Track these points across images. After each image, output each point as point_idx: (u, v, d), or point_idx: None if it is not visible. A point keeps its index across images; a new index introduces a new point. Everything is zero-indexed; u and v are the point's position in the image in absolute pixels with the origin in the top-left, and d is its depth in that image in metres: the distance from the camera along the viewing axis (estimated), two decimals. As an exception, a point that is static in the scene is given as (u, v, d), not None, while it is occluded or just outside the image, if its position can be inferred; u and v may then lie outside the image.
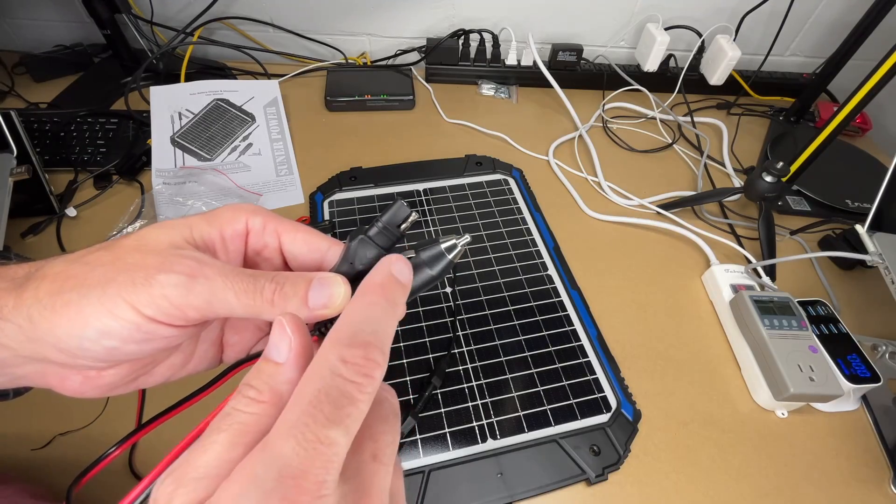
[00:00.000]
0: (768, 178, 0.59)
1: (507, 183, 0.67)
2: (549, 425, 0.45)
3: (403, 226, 0.21)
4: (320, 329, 0.20)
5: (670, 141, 0.78)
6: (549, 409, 0.46)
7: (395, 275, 0.19)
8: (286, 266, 0.23)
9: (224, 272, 0.19)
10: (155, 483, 0.15)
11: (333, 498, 0.14)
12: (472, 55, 0.83)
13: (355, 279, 0.20)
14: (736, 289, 0.55)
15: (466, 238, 0.21)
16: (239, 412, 0.16)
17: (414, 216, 0.22)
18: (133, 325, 0.18)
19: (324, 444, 0.14)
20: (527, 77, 0.84)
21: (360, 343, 0.16)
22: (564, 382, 0.48)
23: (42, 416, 0.43)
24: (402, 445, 0.43)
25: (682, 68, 0.83)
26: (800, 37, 0.87)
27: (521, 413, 0.46)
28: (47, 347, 0.18)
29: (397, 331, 0.50)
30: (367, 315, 0.18)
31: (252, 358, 0.21)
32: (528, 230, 0.61)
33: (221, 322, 0.24)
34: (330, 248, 0.22)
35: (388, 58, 0.86)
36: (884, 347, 0.53)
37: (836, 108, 0.60)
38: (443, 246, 0.21)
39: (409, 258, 0.21)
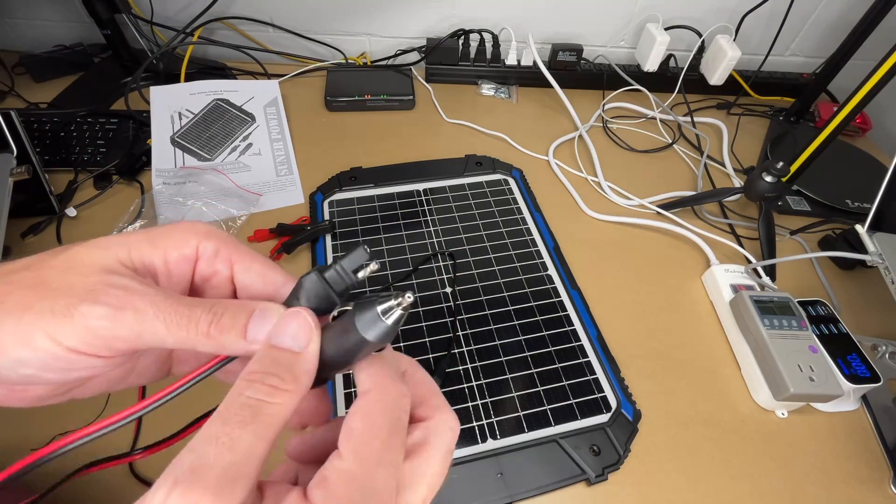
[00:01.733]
0: (768, 178, 0.59)
1: (507, 183, 0.67)
2: (549, 425, 0.45)
3: (361, 273, 0.19)
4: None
5: (670, 141, 0.78)
6: (549, 409, 0.46)
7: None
8: (234, 297, 0.21)
9: (156, 302, 0.17)
10: (156, 491, 0.13)
11: None
12: (472, 55, 0.83)
13: None
14: (736, 289, 0.55)
15: (410, 299, 0.18)
16: (263, 403, 0.16)
17: (374, 266, 0.19)
18: (51, 356, 0.16)
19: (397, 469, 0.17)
20: (527, 77, 0.84)
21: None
22: (564, 382, 0.48)
23: (42, 416, 0.43)
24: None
25: (682, 68, 0.83)
26: (800, 37, 0.87)
27: (521, 413, 0.46)
28: None
29: (397, 331, 0.50)
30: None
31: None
32: (528, 230, 0.61)
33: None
34: (285, 284, 0.20)
35: (388, 58, 0.86)
36: (884, 347, 0.53)
37: (836, 108, 0.60)
38: (378, 308, 0.17)
39: (338, 318, 0.19)
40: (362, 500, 0.15)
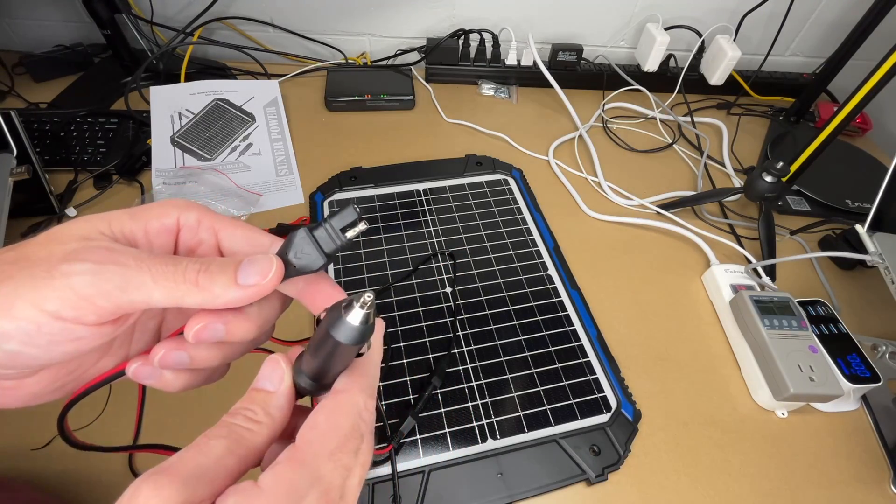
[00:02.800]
0: (768, 178, 0.59)
1: (507, 183, 0.67)
2: (549, 425, 0.45)
3: (350, 233, 0.20)
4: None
5: (670, 141, 0.78)
6: (549, 409, 0.46)
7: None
8: None
9: (139, 257, 0.17)
10: (136, 481, 0.15)
11: None
12: (472, 55, 0.83)
13: (295, 275, 0.20)
14: (736, 289, 0.55)
15: (369, 297, 0.18)
16: (237, 426, 0.18)
17: (363, 226, 0.20)
18: (34, 325, 0.16)
19: (347, 470, 0.18)
20: (527, 77, 0.84)
21: (374, 397, 0.20)
22: (564, 382, 0.48)
23: (42, 416, 0.43)
24: (402, 445, 0.43)
25: (682, 68, 0.83)
26: (800, 37, 0.87)
27: (521, 413, 0.46)
28: None
29: (398, 331, 0.50)
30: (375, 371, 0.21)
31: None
32: (528, 230, 0.61)
33: (157, 324, 0.22)
34: (272, 244, 0.21)
35: (388, 58, 0.86)
36: (884, 347, 0.53)
37: (836, 108, 0.60)
38: (343, 311, 0.18)
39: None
40: (307, 488, 0.16)
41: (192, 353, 0.19)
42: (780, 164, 0.58)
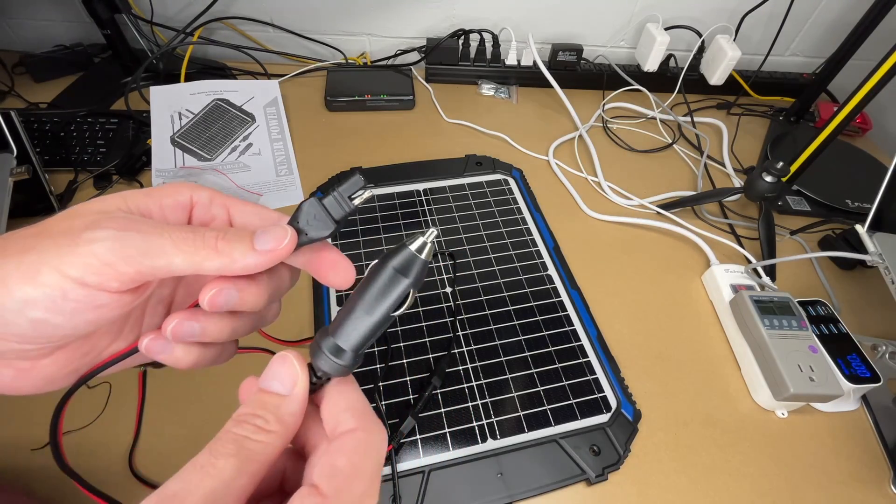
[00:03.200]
0: (768, 178, 0.59)
1: (507, 183, 0.67)
2: (549, 425, 0.45)
3: (357, 200, 0.21)
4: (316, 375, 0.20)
5: (670, 141, 0.78)
6: (549, 409, 0.46)
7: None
8: None
9: (159, 225, 0.18)
10: None
11: None
12: (472, 55, 0.83)
13: (307, 242, 0.20)
14: (736, 289, 0.55)
15: (433, 231, 0.20)
16: (247, 439, 0.16)
17: (368, 193, 0.21)
18: (59, 292, 0.16)
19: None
20: (527, 77, 0.84)
21: None
22: (564, 382, 0.48)
23: (41, 416, 0.43)
24: (402, 445, 0.43)
25: (682, 68, 0.83)
26: (800, 37, 0.87)
27: (521, 413, 0.46)
28: None
29: (398, 331, 0.50)
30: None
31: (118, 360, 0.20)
32: (528, 230, 0.61)
33: (167, 306, 0.23)
34: (281, 219, 0.21)
35: (388, 58, 0.86)
36: (884, 347, 0.53)
37: (836, 108, 0.60)
38: (412, 248, 0.19)
39: (375, 266, 0.20)
40: None
41: (204, 323, 0.20)
42: (780, 164, 0.58)
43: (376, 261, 0.20)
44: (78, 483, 0.20)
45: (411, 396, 0.46)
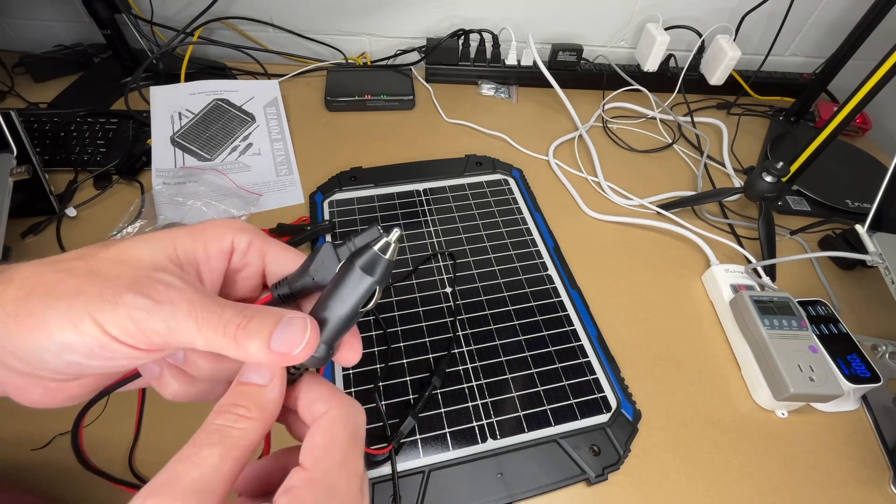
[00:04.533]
0: (768, 178, 0.59)
1: (507, 183, 0.67)
2: (549, 425, 0.45)
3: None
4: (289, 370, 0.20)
5: (670, 141, 0.78)
6: (549, 409, 0.46)
7: (358, 441, 0.19)
8: (263, 285, 0.23)
9: (192, 300, 0.18)
10: (135, 500, 0.15)
11: None
12: (472, 55, 0.83)
13: (313, 290, 0.21)
14: (736, 289, 0.55)
15: (397, 232, 0.20)
16: (229, 428, 0.17)
17: (382, 244, 0.20)
18: (97, 343, 0.17)
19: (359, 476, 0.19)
20: (527, 77, 0.84)
21: None
22: (564, 382, 0.48)
23: (42, 416, 0.43)
24: (402, 445, 0.43)
25: (682, 68, 0.83)
26: (800, 37, 0.87)
27: (521, 413, 0.46)
28: (6, 354, 0.17)
29: (398, 331, 0.50)
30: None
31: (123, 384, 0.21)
32: (528, 230, 0.61)
33: None
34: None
35: (388, 58, 0.86)
36: (884, 347, 0.53)
37: (836, 108, 0.60)
38: (376, 248, 0.20)
39: (342, 267, 0.20)
40: (328, 499, 0.17)
41: (189, 356, 0.20)
42: (780, 164, 0.58)
43: (345, 260, 0.20)
44: (108, 480, 0.21)
45: (411, 396, 0.46)
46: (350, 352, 0.22)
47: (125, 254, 0.19)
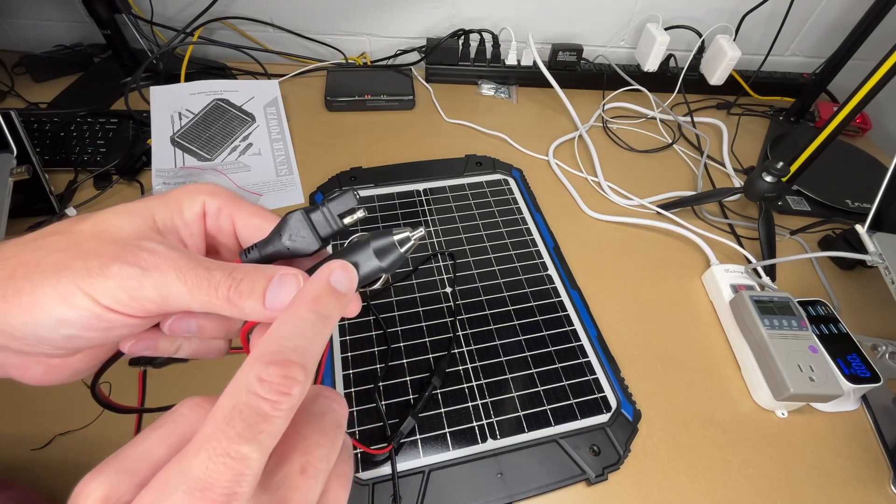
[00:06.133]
0: (768, 178, 0.59)
1: (507, 183, 0.67)
2: (549, 425, 0.45)
3: (347, 220, 0.20)
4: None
5: (670, 141, 0.78)
6: (549, 409, 0.46)
7: (333, 285, 0.18)
8: (239, 248, 0.23)
9: (179, 265, 0.18)
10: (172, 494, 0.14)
11: None
12: (472, 55, 0.83)
13: (287, 257, 0.21)
14: (736, 289, 0.55)
15: (420, 231, 0.20)
16: (177, 413, 0.17)
17: (361, 214, 0.20)
18: (92, 315, 0.17)
19: (234, 459, 0.14)
20: (527, 77, 0.84)
21: (280, 361, 0.15)
22: (564, 382, 0.48)
23: (42, 416, 0.43)
24: (402, 445, 0.43)
25: (682, 68, 0.83)
26: (800, 37, 0.87)
27: (521, 413, 0.46)
28: (2, 336, 0.17)
29: (398, 331, 0.50)
30: (293, 330, 0.16)
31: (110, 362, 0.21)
32: (528, 230, 0.61)
33: None
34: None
35: (388, 58, 0.86)
36: (884, 347, 0.53)
37: (836, 108, 0.60)
38: (395, 238, 0.19)
39: (357, 241, 0.20)
40: (175, 485, 0.14)
41: (201, 321, 0.20)
42: (780, 164, 0.58)
43: (361, 234, 0.20)
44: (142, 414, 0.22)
45: (411, 396, 0.46)
46: (352, 304, 0.21)
47: (103, 225, 0.19)
